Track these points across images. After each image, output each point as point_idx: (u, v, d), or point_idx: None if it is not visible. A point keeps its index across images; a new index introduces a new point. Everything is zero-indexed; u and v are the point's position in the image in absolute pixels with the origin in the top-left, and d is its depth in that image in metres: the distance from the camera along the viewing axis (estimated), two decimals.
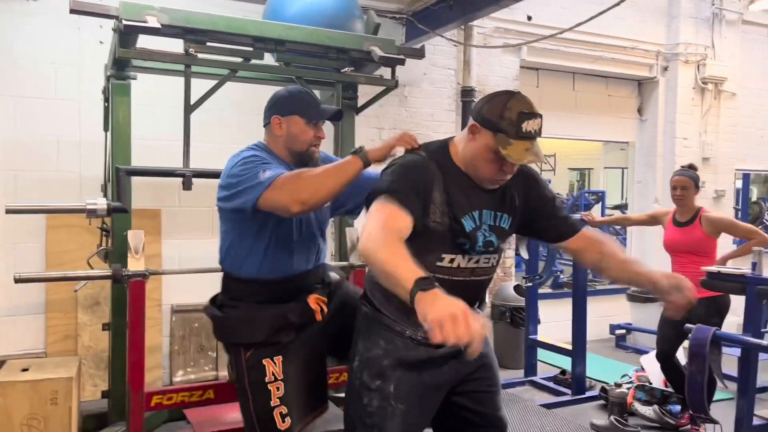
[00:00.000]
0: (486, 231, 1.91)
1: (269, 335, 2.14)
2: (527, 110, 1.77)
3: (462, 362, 1.92)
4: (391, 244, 1.60)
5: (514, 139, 1.75)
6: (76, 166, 4.16)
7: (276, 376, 2.13)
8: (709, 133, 6.63)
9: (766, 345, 2.95)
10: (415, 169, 1.84)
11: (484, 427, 2.05)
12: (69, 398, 3.10)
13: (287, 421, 2.11)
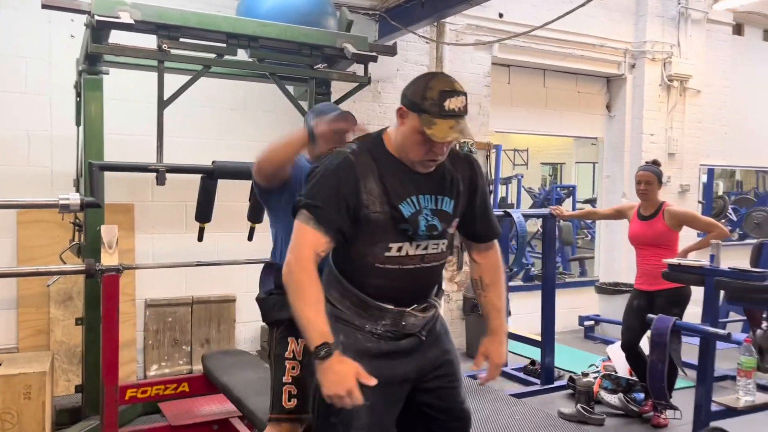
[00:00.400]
0: (428, 215, 1.90)
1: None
2: (448, 88, 1.76)
3: (424, 355, 1.95)
4: (305, 287, 1.74)
5: (437, 119, 1.75)
6: (47, 160, 4.14)
7: (296, 354, 2.26)
8: (674, 130, 6.81)
9: (723, 334, 3.07)
10: (337, 173, 1.82)
11: (450, 422, 2.06)
12: (42, 393, 3.10)
13: (293, 402, 2.22)
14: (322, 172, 1.84)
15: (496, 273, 2.09)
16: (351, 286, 1.89)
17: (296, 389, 2.23)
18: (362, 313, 1.89)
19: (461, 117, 1.78)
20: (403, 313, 1.89)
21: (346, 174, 1.81)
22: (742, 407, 3.21)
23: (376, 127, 5.23)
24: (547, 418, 3.88)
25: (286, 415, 2.23)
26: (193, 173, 3.32)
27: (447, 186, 1.94)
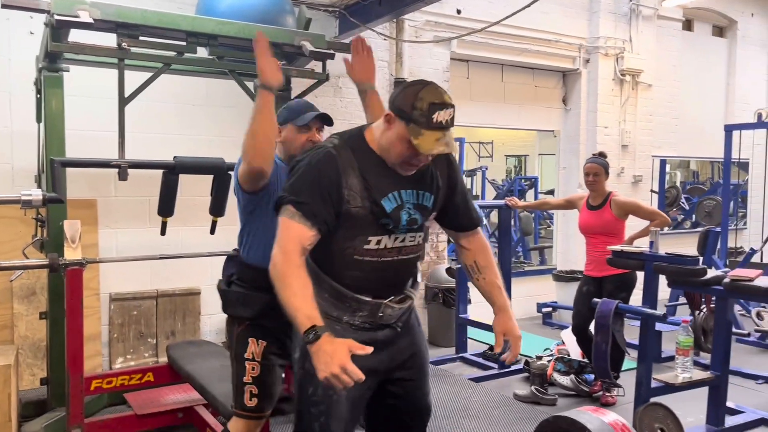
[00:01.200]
0: (410, 209, 1.94)
1: (257, 315, 2.38)
2: (438, 101, 1.77)
3: (397, 346, 2.02)
4: (291, 277, 1.76)
5: (425, 130, 1.76)
6: (8, 157, 4.15)
7: (255, 356, 2.37)
8: (627, 122, 7.07)
9: (659, 315, 3.29)
10: (321, 167, 1.85)
11: (410, 414, 2.12)
12: (8, 385, 3.15)
13: (254, 401, 2.35)
14: (305, 167, 1.87)
15: (487, 253, 2.15)
16: (328, 278, 1.92)
17: (257, 389, 2.36)
18: (339, 304, 1.93)
19: (448, 129, 1.80)
20: (380, 304, 1.93)
21: (328, 168, 1.84)
22: (679, 383, 3.43)
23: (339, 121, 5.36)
24: (502, 400, 4.08)
25: (247, 413, 2.37)
26: (154, 168, 3.40)
27: (427, 181, 1.99)
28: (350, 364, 1.64)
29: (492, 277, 2.12)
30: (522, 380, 4.74)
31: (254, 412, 2.37)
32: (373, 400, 2.07)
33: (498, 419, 3.63)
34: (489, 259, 2.14)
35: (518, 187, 10.73)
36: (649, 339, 3.40)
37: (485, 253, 2.14)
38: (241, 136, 2.73)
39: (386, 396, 2.06)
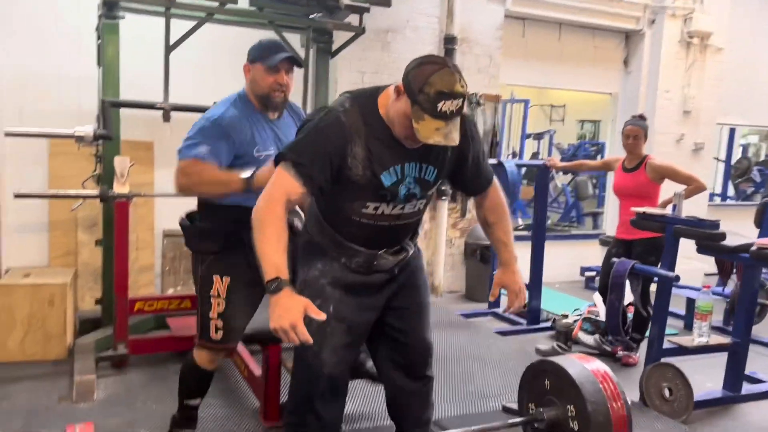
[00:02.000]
0: (410, 183, 1.95)
1: (221, 248, 2.42)
2: (447, 90, 1.71)
3: (396, 286, 2.15)
4: (268, 225, 1.78)
5: (427, 116, 1.72)
6: (75, 98, 4.53)
7: (220, 292, 2.42)
8: (692, 87, 6.79)
9: (673, 276, 3.29)
10: (328, 134, 1.85)
11: (409, 348, 2.21)
12: (64, 301, 3.56)
13: (219, 334, 2.43)
14: (313, 129, 1.87)
15: (498, 211, 2.17)
16: (328, 227, 2.02)
17: (222, 323, 2.43)
18: (337, 248, 2.03)
19: (452, 119, 1.75)
20: (375, 254, 2.03)
21: (335, 134, 1.84)
22: (693, 346, 3.44)
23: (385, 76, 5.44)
24: (522, 353, 4.19)
25: (213, 344, 2.46)
26: (194, 111, 3.64)
27: (433, 154, 1.95)
28: (301, 324, 1.68)
29: (499, 234, 2.18)
30: (548, 337, 4.82)
31: (219, 344, 2.45)
32: (376, 333, 2.21)
33: (512, 369, 3.75)
34: (499, 215, 2.18)
35: (584, 152, 10.53)
36: (664, 299, 3.41)
37: (496, 210, 2.18)
38: None
39: (387, 328, 2.19)
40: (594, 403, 2.31)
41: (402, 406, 2.30)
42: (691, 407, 3.33)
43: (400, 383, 2.25)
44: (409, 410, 2.29)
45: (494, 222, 2.18)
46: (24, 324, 3.48)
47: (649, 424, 3.05)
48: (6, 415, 2.89)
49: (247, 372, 3.18)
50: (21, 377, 3.30)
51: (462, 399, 3.32)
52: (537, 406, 2.51)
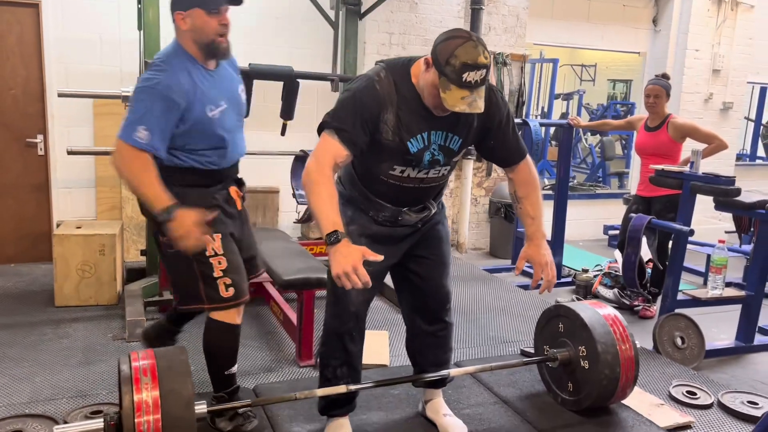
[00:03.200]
0: (435, 150, 2.08)
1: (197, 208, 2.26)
2: (471, 62, 1.83)
3: (419, 237, 2.31)
4: (320, 185, 1.90)
5: (454, 86, 1.85)
6: (117, 61, 4.76)
7: (216, 251, 2.31)
8: (722, 45, 6.75)
9: (688, 230, 3.43)
10: (364, 97, 1.98)
11: (427, 294, 2.35)
12: (114, 251, 3.84)
13: (230, 291, 2.32)
14: (351, 95, 2.00)
15: (527, 186, 2.24)
16: (359, 183, 2.19)
17: (230, 280, 2.32)
18: (366, 202, 2.19)
19: (476, 88, 1.87)
20: (400, 210, 2.19)
21: (369, 101, 1.98)
22: (707, 298, 3.59)
23: (413, 38, 5.55)
24: (542, 304, 4.36)
25: (227, 303, 2.33)
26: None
27: (459, 124, 2.08)
28: (360, 267, 1.80)
29: (527, 208, 2.26)
30: (569, 292, 5.00)
31: (234, 300, 2.35)
32: (400, 278, 2.41)
33: (531, 318, 3.94)
34: (528, 191, 2.25)
35: (613, 112, 10.48)
36: (679, 253, 3.55)
37: (526, 185, 2.25)
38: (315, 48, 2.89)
39: (409, 274, 2.37)
40: (603, 343, 2.51)
41: (420, 347, 2.48)
42: (702, 355, 3.50)
43: (419, 325, 2.43)
44: (426, 351, 2.47)
45: (522, 197, 2.26)
46: (78, 271, 3.78)
47: (660, 369, 3.23)
48: (67, 350, 3.19)
49: (283, 317, 3.43)
50: (77, 319, 3.61)
51: (483, 344, 3.54)
52: (551, 347, 2.72)
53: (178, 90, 2.19)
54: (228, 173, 2.48)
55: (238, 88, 2.48)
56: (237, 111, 2.44)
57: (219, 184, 2.43)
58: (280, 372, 3.08)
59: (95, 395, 2.72)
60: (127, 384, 1.89)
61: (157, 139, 2.17)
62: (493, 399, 2.80)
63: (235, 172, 2.55)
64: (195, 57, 2.30)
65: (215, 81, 2.34)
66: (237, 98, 2.45)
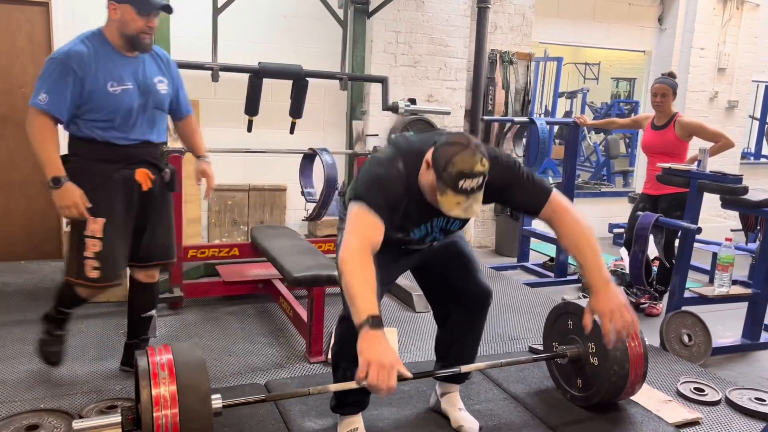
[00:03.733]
0: (436, 233, 2.21)
1: (95, 187, 2.53)
2: (467, 170, 1.87)
3: (431, 249, 2.36)
4: (361, 265, 1.88)
5: (450, 191, 1.89)
6: None
7: (95, 233, 2.53)
8: (728, 44, 6.76)
9: (695, 228, 3.45)
10: (389, 186, 2.01)
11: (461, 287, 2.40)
12: None
13: (96, 273, 2.55)
14: (376, 177, 2.02)
15: (571, 237, 2.13)
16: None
17: (98, 263, 2.54)
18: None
19: (472, 194, 1.91)
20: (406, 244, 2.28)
21: (393, 188, 2.01)
22: (713, 296, 3.61)
23: (420, 36, 5.57)
24: (548, 301, 4.40)
25: (89, 282, 2.58)
26: (242, 72, 3.86)
27: None
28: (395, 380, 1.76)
29: (579, 260, 2.13)
30: (575, 289, 5.02)
31: (97, 282, 2.57)
32: (425, 277, 2.50)
33: (538, 315, 3.97)
34: (572, 241, 2.13)
35: (617, 111, 10.49)
36: (686, 251, 3.57)
37: (568, 237, 2.14)
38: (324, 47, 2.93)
39: (433, 269, 2.44)
40: None
41: (452, 341, 2.51)
42: (709, 353, 3.52)
43: (455, 318, 2.48)
44: (461, 342, 2.51)
45: (569, 247, 2.17)
46: None
47: (668, 366, 3.25)
48: (81, 346, 3.22)
49: (293, 313, 3.46)
50: (89, 315, 3.64)
51: (491, 341, 3.57)
52: (560, 344, 2.74)
53: (76, 59, 2.44)
54: (134, 153, 2.63)
55: (155, 78, 2.66)
56: (149, 98, 2.63)
57: (122, 161, 2.61)
58: (290, 368, 3.11)
59: (109, 391, 2.75)
60: (145, 379, 1.92)
61: (54, 102, 2.43)
62: (503, 395, 2.83)
63: (146, 153, 2.68)
64: (113, 43, 2.55)
65: (128, 64, 2.57)
66: (150, 87, 2.64)
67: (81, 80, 2.45)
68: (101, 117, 2.53)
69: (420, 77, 5.53)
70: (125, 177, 2.61)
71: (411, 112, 4.44)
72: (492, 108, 5.93)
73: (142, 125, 2.62)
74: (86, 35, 2.55)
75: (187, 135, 3.05)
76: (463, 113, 5.81)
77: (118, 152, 2.59)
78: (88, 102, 2.49)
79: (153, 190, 2.70)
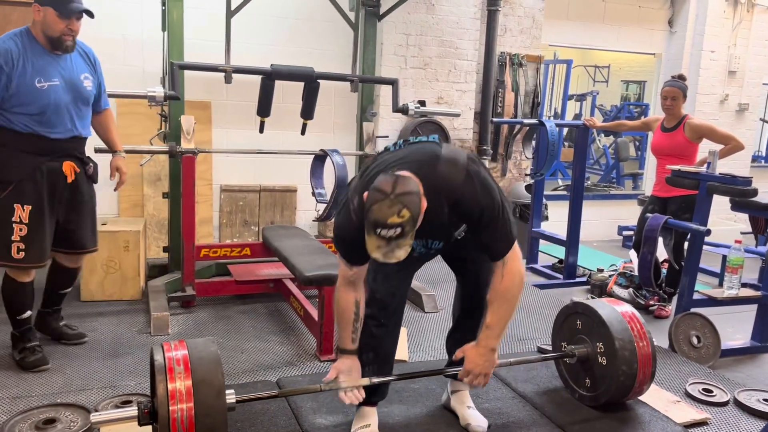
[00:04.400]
0: (421, 253, 2.25)
1: (23, 177, 2.75)
2: (381, 221, 1.85)
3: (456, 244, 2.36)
4: (345, 299, 2.23)
5: (371, 234, 1.89)
6: (139, 61, 4.85)
7: (22, 219, 2.76)
8: (738, 47, 6.76)
9: (704, 230, 3.46)
10: (345, 236, 2.14)
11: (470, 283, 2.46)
12: (138, 247, 3.91)
13: (21, 254, 2.79)
14: (336, 225, 2.20)
15: (495, 294, 2.15)
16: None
17: (24, 245, 2.78)
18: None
19: (394, 240, 1.87)
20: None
21: (351, 233, 2.08)
22: (722, 298, 3.62)
23: (429, 39, 5.61)
24: (557, 302, 4.41)
25: (16, 263, 2.82)
26: (254, 74, 3.90)
27: (438, 232, 2.17)
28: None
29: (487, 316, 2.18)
30: (583, 291, 5.03)
31: (23, 262, 2.81)
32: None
33: (547, 316, 3.99)
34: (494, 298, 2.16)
35: (626, 114, 10.49)
36: (695, 253, 3.58)
37: (494, 292, 2.15)
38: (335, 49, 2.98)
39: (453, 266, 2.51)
40: (621, 340, 2.56)
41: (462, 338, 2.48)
42: (718, 354, 3.53)
43: (465, 314, 2.52)
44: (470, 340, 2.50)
45: (489, 301, 2.18)
46: (103, 267, 3.86)
47: (676, 368, 3.27)
48: (95, 343, 3.28)
49: (304, 312, 3.50)
50: (103, 313, 3.70)
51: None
52: (569, 344, 2.77)
53: (3, 55, 2.64)
54: (62, 146, 2.84)
55: (81, 76, 2.87)
56: (76, 95, 2.84)
57: (50, 154, 2.81)
58: (301, 366, 3.15)
59: (124, 386, 2.79)
60: (161, 373, 1.96)
61: None
62: (512, 394, 2.85)
63: (72, 147, 2.91)
64: (41, 42, 2.74)
65: (55, 61, 2.78)
66: (76, 83, 2.84)
67: (8, 75, 2.65)
68: (30, 111, 2.72)
69: (430, 79, 5.57)
70: (52, 169, 2.83)
71: (421, 114, 4.47)
72: (501, 110, 5.95)
73: (69, 120, 2.83)
74: (16, 33, 2.74)
75: (104, 129, 3.20)
76: (472, 115, 5.84)
77: (47, 145, 2.79)
78: (15, 96, 2.68)
79: (77, 182, 2.93)
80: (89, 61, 2.96)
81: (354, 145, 4.91)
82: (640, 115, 10.00)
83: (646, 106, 10.11)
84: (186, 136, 3.76)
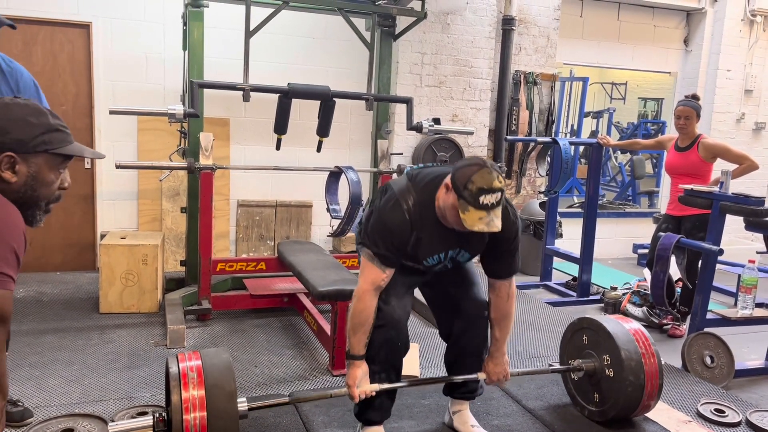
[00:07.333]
0: (448, 262, 2.33)
1: None
2: (486, 186, 1.99)
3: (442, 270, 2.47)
4: (364, 307, 2.24)
5: (472, 207, 2.01)
6: (161, 79, 4.97)
7: None
8: (754, 66, 6.74)
9: (717, 249, 3.46)
10: (394, 226, 2.19)
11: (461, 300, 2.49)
12: (156, 260, 4.00)
13: None
14: (382, 222, 2.21)
15: (499, 311, 2.41)
16: None
17: None
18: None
19: (493, 209, 2.02)
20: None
21: (399, 228, 2.19)
22: (736, 318, 3.61)
23: (445, 57, 5.68)
24: (569, 320, 4.41)
25: None
26: (272, 92, 3.99)
27: (473, 240, 2.27)
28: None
29: (495, 332, 2.45)
30: (597, 309, 5.02)
31: None
32: (432, 294, 2.59)
33: (559, 334, 3.97)
34: (498, 315, 2.41)
35: (643, 131, 10.47)
36: (708, 272, 3.58)
37: (498, 310, 2.41)
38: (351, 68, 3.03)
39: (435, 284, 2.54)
40: (627, 350, 2.59)
41: (455, 357, 2.59)
42: (732, 375, 3.51)
43: (456, 334, 2.54)
44: (462, 359, 2.57)
45: (493, 319, 2.44)
46: (122, 280, 3.95)
47: (689, 387, 3.25)
48: (113, 355, 3.35)
49: (317, 327, 3.54)
50: (121, 325, 3.77)
51: (512, 358, 3.57)
52: (576, 359, 2.78)
53: None
54: None
55: None
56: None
57: None
58: (313, 381, 3.19)
59: (140, 398, 2.85)
60: (175, 380, 2.02)
61: None
62: (521, 411, 2.87)
63: None
64: None
65: None
66: None
67: None
68: None
69: (444, 97, 5.63)
70: None
71: (435, 131, 4.53)
72: (516, 128, 6.00)
73: None
74: None
75: None
76: (486, 133, 5.88)
77: None
78: None
79: None
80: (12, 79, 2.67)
81: (369, 162, 4.98)
82: (657, 133, 9.98)
83: (663, 123, 10.09)
84: (204, 153, 3.84)
